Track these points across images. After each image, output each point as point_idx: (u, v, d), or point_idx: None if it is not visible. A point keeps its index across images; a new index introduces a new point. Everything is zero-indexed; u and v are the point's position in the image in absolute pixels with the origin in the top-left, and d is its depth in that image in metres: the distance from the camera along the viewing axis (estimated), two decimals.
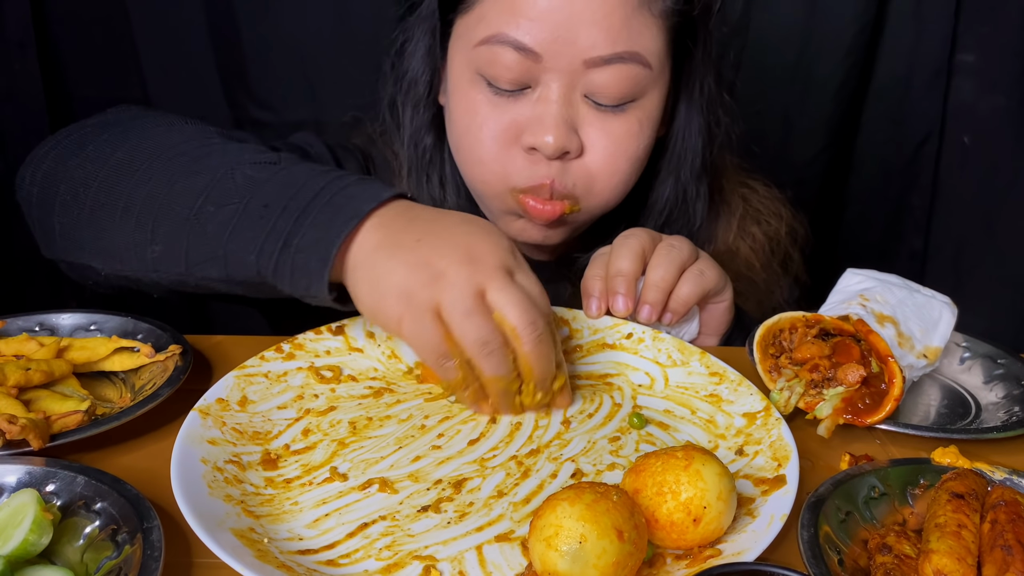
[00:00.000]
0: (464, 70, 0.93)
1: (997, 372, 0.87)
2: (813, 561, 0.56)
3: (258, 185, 0.75)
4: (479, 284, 0.69)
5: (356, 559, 0.59)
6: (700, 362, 0.83)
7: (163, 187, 0.78)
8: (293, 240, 0.72)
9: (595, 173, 0.93)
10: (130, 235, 0.79)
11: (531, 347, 0.70)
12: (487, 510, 0.64)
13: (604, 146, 0.91)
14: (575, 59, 0.87)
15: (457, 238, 0.71)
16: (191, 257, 0.77)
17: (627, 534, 0.53)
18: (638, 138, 0.93)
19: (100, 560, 0.55)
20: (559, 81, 0.88)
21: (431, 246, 0.70)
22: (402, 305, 0.69)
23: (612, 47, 0.87)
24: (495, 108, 0.91)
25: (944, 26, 1.53)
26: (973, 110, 1.58)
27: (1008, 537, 0.55)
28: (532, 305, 0.70)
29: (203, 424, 0.69)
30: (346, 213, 0.72)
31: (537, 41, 0.87)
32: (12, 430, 0.63)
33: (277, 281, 0.74)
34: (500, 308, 0.69)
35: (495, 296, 0.69)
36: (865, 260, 1.11)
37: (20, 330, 0.82)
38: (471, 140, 0.93)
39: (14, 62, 1.36)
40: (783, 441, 0.70)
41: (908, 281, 0.85)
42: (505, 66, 0.88)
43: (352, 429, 0.74)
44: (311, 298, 0.74)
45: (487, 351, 0.69)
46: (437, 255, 0.69)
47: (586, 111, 0.91)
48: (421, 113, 1.02)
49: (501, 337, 0.69)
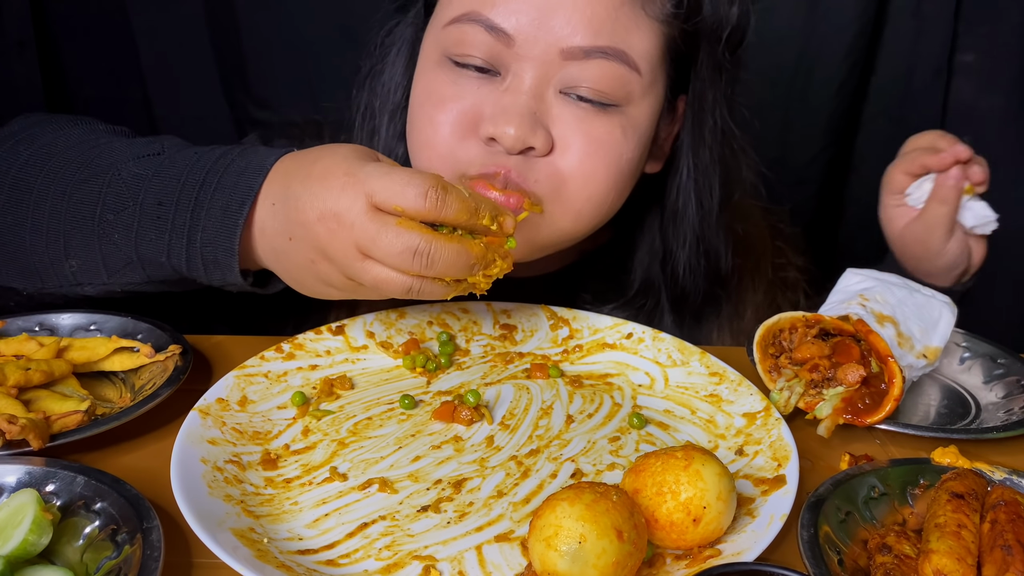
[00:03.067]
0: (431, 53, 0.85)
1: (997, 372, 0.87)
2: (813, 561, 0.56)
3: (146, 181, 0.75)
4: (354, 243, 0.66)
5: (356, 559, 0.59)
6: (700, 362, 0.83)
7: (62, 200, 0.77)
8: (196, 235, 0.73)
9: (566, 174, 0.82)
10: (44, 253, 0.78)
11: (431, 271, 0.66)
12: (487, 510, 0.64)
13: (580, 145, 0.81)
14: (551, 48, 0.79)
15: (310, 205, 0.68)
16: (109, 266, 0.77)
17: (627, 534, 0.53)
18: (620, 146, 0.83)
19: (100, 560, 0.55)
20: (532, 72, 0.80)
21: (299, 239, 0.69)
22: (335, 290, 0.71)
23: (594, 39, 0.79)
24: (457, 90, 0.82)
25: (944, 26, 1.53)
26: (973, 110, 1.57)
27: (1008, 537, 0.55)
28: (395, 234, 0.64)
29: (203, 424, 0.69)
30: (238, 196, 0.72)
31: (511, 23, 0.79)
32: (12, 430, 0.63)
33: (193, 275, 0.75)
34: (380, 259, 0.66)
35: (371, 252, 0.66)
36: (865, 260, 1.11)
37: (20, 330, 0.82)
38: (423, 121, 0.84)
39: (14, 62, 1.36)
40: (783, 441, 0.70)
41: (908, 281, 0.85)
42: (473, 45, 0.81)
43: (352, 429, 0.74)
44: (230, 286, 0.75)
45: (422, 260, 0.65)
46: (308, 247, 0.69)
47: (561, 108, 0.81)
48: (396, 121, 0.95)
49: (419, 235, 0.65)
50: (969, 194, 0.95)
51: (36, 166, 0.80)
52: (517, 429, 0.75)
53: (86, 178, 0.78)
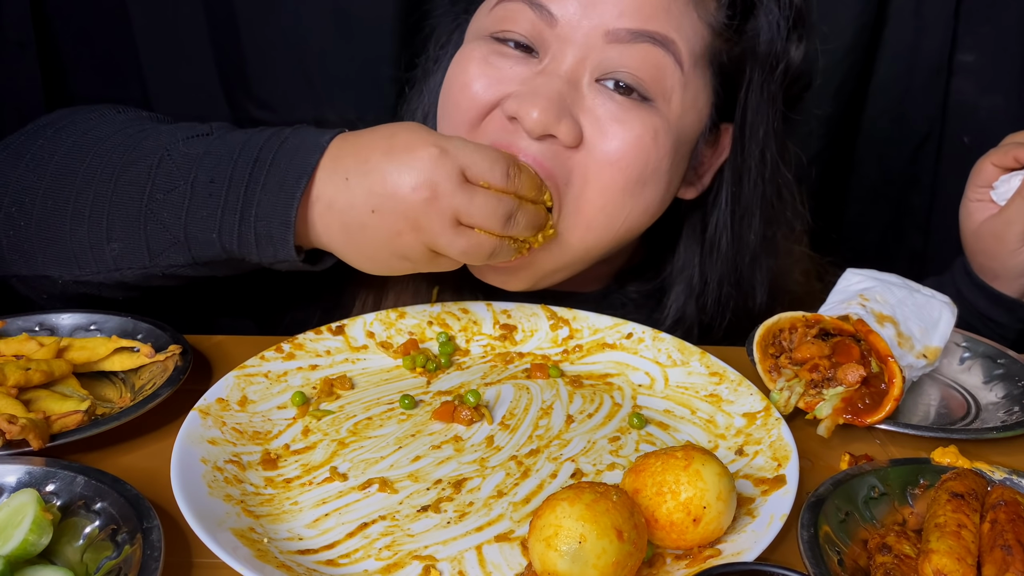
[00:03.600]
0: (474, 33, 0.86)
1: (997, 372, 0.87)
2: (813, 561, 0.56)
3: (197, 160, 0.75)
4: (453, 212, 0.71)
5: (356, 559, 0.59)
6: (700, 362, 0.83)
7: (107, 184, 0.77)
8: (250, 210, 0.73)
9: (590, 172, 0.79)
10: (85, 238, 0.78)
11: (516, 232, 0.74)
12: (487, 510, 0.64)
13: (607, 145, 0.78)
14: (595, 30, 0.77)
15: (402, 176, 0.71)
16: (152, 248, 0.76)
17: (627, 534, 0.53)
18: (649, 151, 0.79)
19: (100, 560, 0.55)
20: (572, 54, 0.78)
21: (387, 211, 0.71)
22: (410, 263, 0.74)
23: (642, 23, 0.77)
24: (492, 63, 0.81)
25: (944, 26, 1.53)
26: (973, 110, 1.57)
27: (1008, 537, 0.55)
28: (497, 201, 0.72)
29: (203, 424, 0.69)
30: (294, 172, 0.72)
31: (556, 3, 0.78)
32: (12, 430, 0.63)
33: (244, 253, 0.75)
34: (479, 224, 0.72)
35: (471, 219, 0.72)
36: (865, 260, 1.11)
37: (20, 330, 0.82)
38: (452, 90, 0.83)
39: (14, 62, 1.36)
40: (783, 441, 0.70)
41: (908, 281, 0.85)
42: (515, 22, 0.80)
43: (352, 429, 0.74)
44: (280, 264, 0.75)
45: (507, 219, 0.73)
46: (396, 218, 0.71)
47: (594, 98, 0.78)
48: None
49: (513, 200, 0.73)
50: None
51: (81, 151, 0.80)
52: (517, 429, 0.75)
53: (133, 160, 0.77)
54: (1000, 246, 0.96)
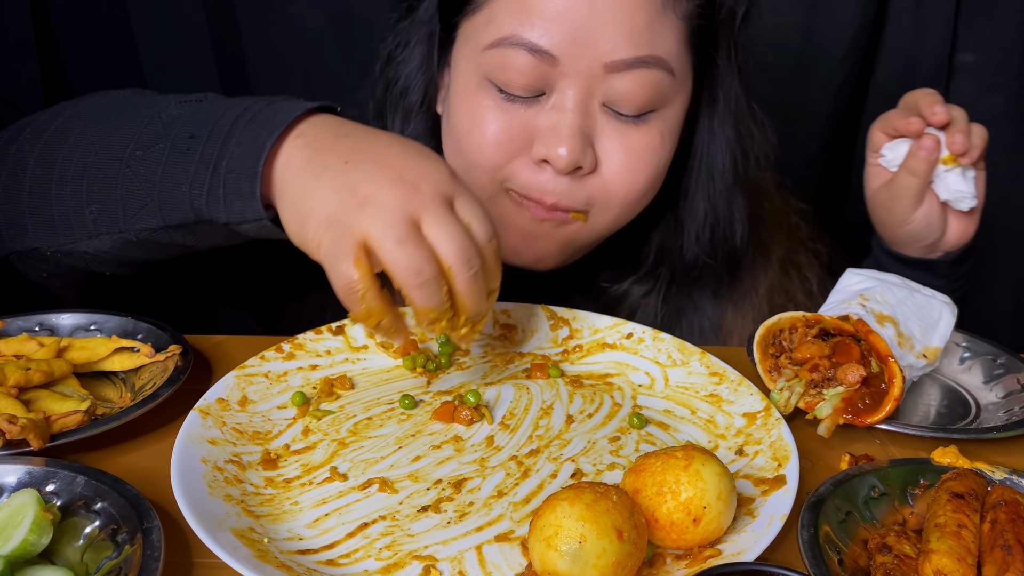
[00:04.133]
0: (471, 75, 0.86)
1: (997, 372, 0.87)
2: (813, 561, 0.56)
3: (182, 120, 0.73)
4: (414, 212, 0.64)
5: (356, 559, 0.59)
6: (700, 362, 0.83)
7: (94, 146, 0.76)
8: (222, 163, 0.70)
9: (610, 188, 0.86)
10: (68, 201, 0.77)
11: (465, 286, 0.65)
12: (487, 510, 0.64)
13: (623, 161, 0.85)
14: (595, 63, 0.81)
15: (390, 160, 0.66)
16: (127, 209, 0.75)
17: (627, 534, 0.53)
18: (659, 152, 0.87)
19: (100, 560, 0.55)
20: (576, 87, 0.82)
21: (360, 168, 0.65)
22: (324, 230, 0.65)
23: (635, 50, 0.81)
24: (504, 113, 0.84)
25: (944, 26, 1.53)
26: (973, 110, 1.57)
27: (1008, 537, 0.55)
28: (469, 241, 0.65)
29: (203, 424, 0.69)
30: (270, 126, 0.69)
31: (554, 43, 0.80)
32: (12, 430, 0.63)
33: (212, 213, 0.71)
34: (435, 242, 0.64)
35: (431, 229, 0.64)
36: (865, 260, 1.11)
37: (20, 330, 0.82)
38: (472, 144, 0.86)
39: (14, 62, 1.36)
40: (783, 441, 0.70)
41: (908, 281, 0.85)
42: (518, 70, 0.81)
43: (352, 429, 0.74)
44: (248, 225, 0.71)
45: (419, 281, 0.64)
46: (366, 178, 0.65)
47: (604, 122, 0.84)
48: (412, 123, 0.95)
49: (436, 267, 0.64)
50: (948, 164, 0.89)
51: (77, 119, 0.80)
52: (517, 429, 0.75)
53: (123, 124, 0.77)
54: (889, 215, 0.96)
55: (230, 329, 0.90)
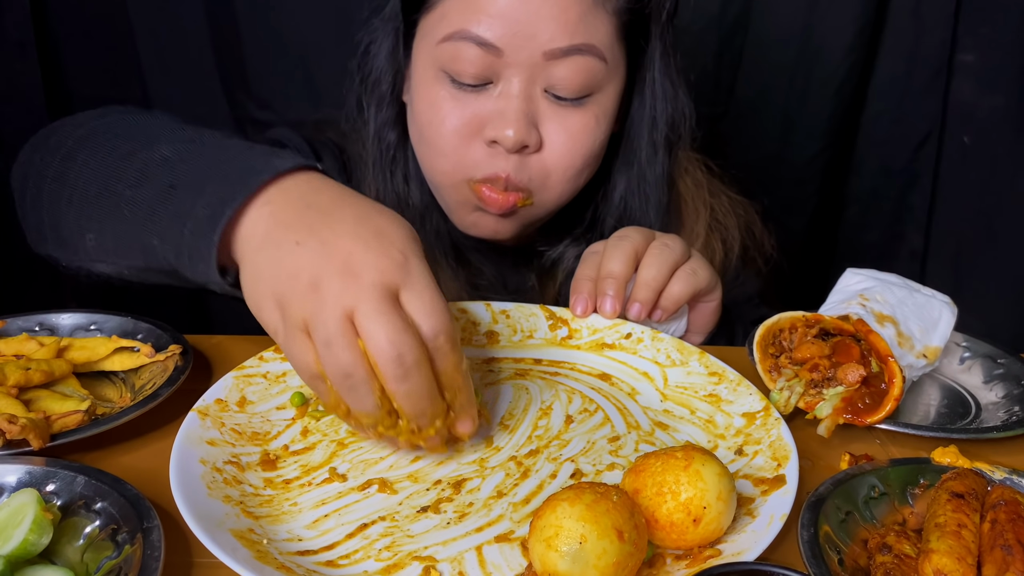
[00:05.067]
0: (427, 67, 0.94)
1: (997, 372, 0.87)
2: (813, 561, 0.56)
3: (168, 164, 0.72)
4: (348, 305, 0.60)
5: (356, 560, 0.59)
6: (699, 362, 0.83)
7: (96, 174, 0.76)
8: (188, 222, 0.67)
9: (551, 168, 0.95)
10: (72, 224, 0.78)
11: (395, 385, 0.61)
12: (487, 510, 0.64)
13: (562, 141, 0.94)
14: (535, 52, 0.89)
15: (343, 240, 0.63)
16: (118, 245, 0.75)
17: (627, 534, 0.53)
18: (594, 133, 0.95)
19: (100, 560, 0.55)
20: (520, 75, 0.90)
21: (309, 250, 0.62)
22: (276, 316, 0.63)
23: (570, 39, 0.89)
24: (457, 102, 0.93)
25: (944, 26, 1.53)
26: (973, 110, 1.58)
27: (1008, 537, 0.55)
28: (405, 336, 0.60)
29: (202, 425, 0.69)
30: (238, 186, 0.66)
31: (498, 36, 0.89)
32: (12, 430, 0.63)
33: (180, 268, 0.69)
34: (365, 337, 0.60)
35: (362, 322, 0.60)
36: (865, 260, 1.11)
37: (20, 330, 0.82)
38: (433, 133, 0.95)
39: (14, 62, 1.36)
40: (783, 441, 0.70)
41: (908, 281, 0.85)
42: (468, 61, 0.90)
43: (352, 430, 0.74)
44: (214, 285, 0.68)
45: (348, 384, 0.61)
46: (313, 264, 0.62)
47: (546, 106, 0.93)
48: (384, 111, 1.04)
49: (365, 369, 0.60)
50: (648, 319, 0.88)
51: (87, 140, 0.81)
52: (516, 429, 0.75)
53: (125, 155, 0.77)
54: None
55: (230, 329, 0.90)
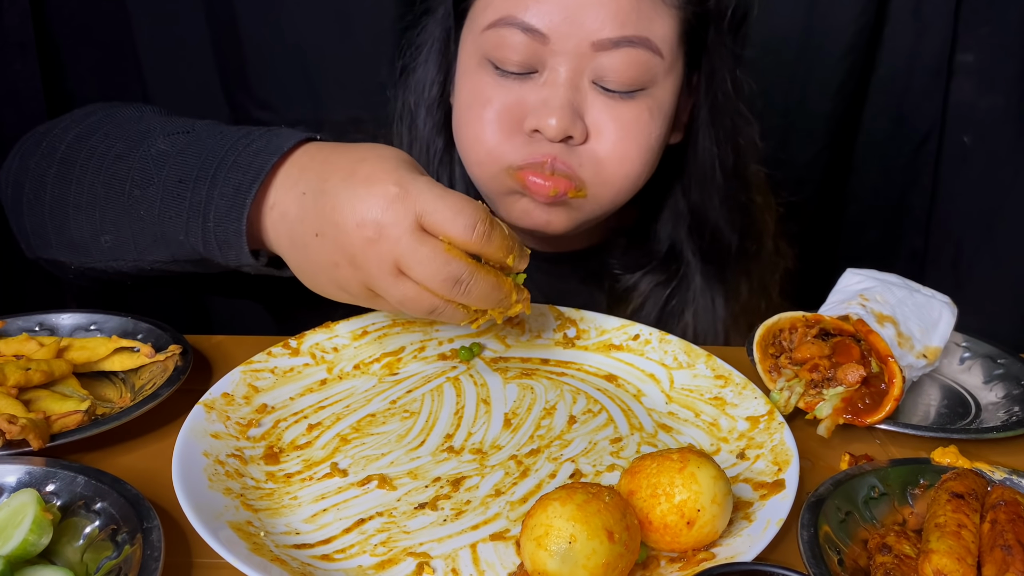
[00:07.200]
0: (472, 56, 0.92)
1: (997, 372, 0.87)
2: (813, 561, 0.56)
3: (170, 159, 0.75)
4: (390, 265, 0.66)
5: (351, 554, 0.59)
6: (706, 365, 0.83)
7: (98, 175, 0.78)
8: (210, 212, 0.72)
9: (603, 158, 0.89)
10: (84, 227, 0.79)
11: (464, 299, 0.68)
12: (484, 508, 0.64)
13: (612, 130, 0.89)
14: (583, 41, 0.85)
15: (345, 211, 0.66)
16: (138, 243, 0.77)
17: (618, 535, 0.53)
18: (648, 126, 0.90)
19: (100, 560, 0.55)
20: (566, 64, 0.86)
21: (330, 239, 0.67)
22: (349, 297, 0.70)
23: (621, 30, 0.85)
24: (500, 88, 0.89)
25: (944, 26, 1.53)
26: (973, 110, 1.57)
27: (1008, 537, 0.55)
28: (442, 260, 0.65)
29: (207, 418, 0.69)
30: (249, 176, 0.71)
31: (544, 23, 0.85)
32: (12, 430, 0.63)
33: (211, 256, 0.74)
34: (418, 281, 0.66)
35: (407, 272, 0.66)
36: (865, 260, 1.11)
37: (20, 330, 0.82)
38: (472, 118, 0.91)
39: (14, 62, 1.36)
40: (784, 445, 0.70)
41: (908, 281, 0.85)
42: (512, 48, 0.86)
43: (355, 425, 0.74)
44: (245, 267, 0.75)
45: (434, 316, 0.69)
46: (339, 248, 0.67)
47: (594, 97, 0.88)
48: (434, 115, 1.01)
49: (440, 302, 0.68)
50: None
51: (81, 142, 0.81)
52: (519, 428, 0.75)
53: (121, 154, 0.78)
54: None
55: (230, 329, 0.90)
